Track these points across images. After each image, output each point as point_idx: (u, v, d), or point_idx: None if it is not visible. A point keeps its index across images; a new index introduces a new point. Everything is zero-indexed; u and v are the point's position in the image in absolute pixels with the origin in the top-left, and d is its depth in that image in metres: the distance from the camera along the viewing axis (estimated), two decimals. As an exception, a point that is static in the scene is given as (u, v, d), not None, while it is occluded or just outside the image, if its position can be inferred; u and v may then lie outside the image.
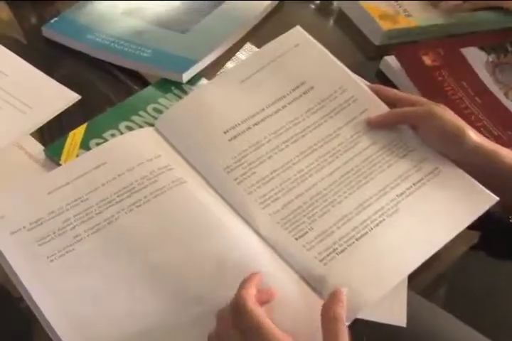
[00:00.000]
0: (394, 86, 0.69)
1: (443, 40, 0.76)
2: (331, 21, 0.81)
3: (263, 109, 0.57)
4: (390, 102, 0.57)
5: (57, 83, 0.66)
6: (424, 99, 0.56)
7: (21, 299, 0.47)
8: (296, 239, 0.50)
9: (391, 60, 0.71)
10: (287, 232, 0.50)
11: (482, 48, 0.74)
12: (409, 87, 0.68)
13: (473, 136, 0.53)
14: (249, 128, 0.56)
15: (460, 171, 0.54)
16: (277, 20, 0.76)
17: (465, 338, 0.51)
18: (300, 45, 0.61)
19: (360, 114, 0.57)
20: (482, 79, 0.71)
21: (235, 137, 0.55)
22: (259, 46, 0.66)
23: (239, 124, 0.56)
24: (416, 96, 0.58)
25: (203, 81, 0.66)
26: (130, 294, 0.46)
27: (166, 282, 0.47)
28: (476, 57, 0.73)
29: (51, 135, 0.61)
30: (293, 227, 0.50)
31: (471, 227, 0.51)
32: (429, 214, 0.52)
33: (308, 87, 0.58)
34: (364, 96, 0.58)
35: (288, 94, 0.58)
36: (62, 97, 0.64)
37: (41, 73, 0.67)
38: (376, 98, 0.58)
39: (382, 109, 0.57)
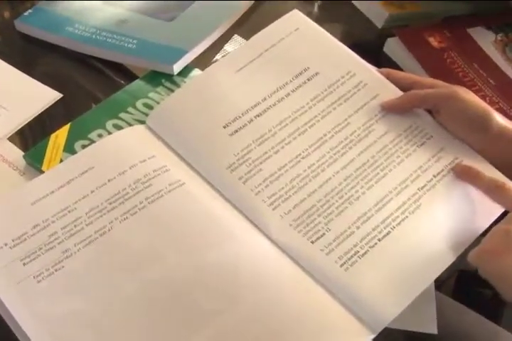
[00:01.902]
0: (400, 69, 0.66)
1: (447, 21, 0.72)
2: (318, 8, 0.76)
3: (265, 99, 0.52)
4: (404, 86, 0.53)
5: (35, 81, 0.61)
6: (441, 82, 0.52)
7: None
8: (313, 242, 0.45)
9: (395, 42, 0.68)
10: (302, 235, 0.45)
11: (489, 28, 0.71)
12: (416, 70, 0.65)
13: (499, 119, 0.49)
14: (251, 120, 0.51)
15: (481, 160, 0.50)
16: (263, 11, 0.71)
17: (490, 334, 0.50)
18: (300, 29, 0.56)
19: (372, 99, 0.52)
20: (493, 59, 0.68)
21: (236, 131, 0.51)
22: (247, 38, 0.61)
23: (239, 117, 0.51)
24: (432, 79, 0.53)
25: (196, 72, 0.61)
26: (131, 316, 0.41)
27: (171, 300, 0.42)
28: (483, 37, 0.70)
29: (31, 138, 0.56)
30: (308, 229, 0.46)
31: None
32: (453, 209, 0.47)
33: (313, 73, 0.54)
34: (374, 81, 0.54)
35: (291, 81, 0.53)
36: (41, 96, 0.59)
37: (17, 71, 0.62)
38: (388, 82, 0.54)
39: (395, 93, 0.53)
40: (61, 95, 0.60)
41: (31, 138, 0.56)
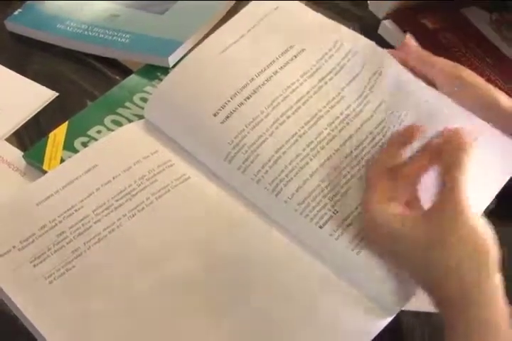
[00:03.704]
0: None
1: (440, 2, 0.71)
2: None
3: (252, 79, 0.50)
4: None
5: (30, 80, 0.60)
6: (445, 60, 0.51)
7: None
8: (321, 227, 0.44)
9: (389, 25, 0.67)
10: (308, 220, 0.44)
11: (483, 7, 0.70)
12: (413, 53, 0.64)
13: (507, 101, 0.48)
14: (241, 104, 0.48)
15: (485, 124, 0.48)
16: None
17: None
18: (280, 8, 0.54)
19: (363, 68, 0.50)
20: (489, 39, 0.67)
21: (227, 118, 0.48)
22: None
23: (228, 101, 0.49)
24: (442, 59, 0.52)
25: (192, 64, 0.60)
26: (147, 313, 0.41)
27: (186, 295, 0.42)
28: (478, 17, 0.70)
29: (29, 138, 0.56)
30: (314, 213, 0.44)
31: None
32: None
33: (299, 50, 0.51)
34: (364, 47, 0.51)
35: (277, 59, 0.51)
36: (36, 96, 0.58)
37: (10, 71, 0.61)
38: (379, 48, 0.52)
39: (388, 57, 0.51)
40: (57, 94, 0.59)
41: (29, 138, 0.56)
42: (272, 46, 0.51)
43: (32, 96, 0.59)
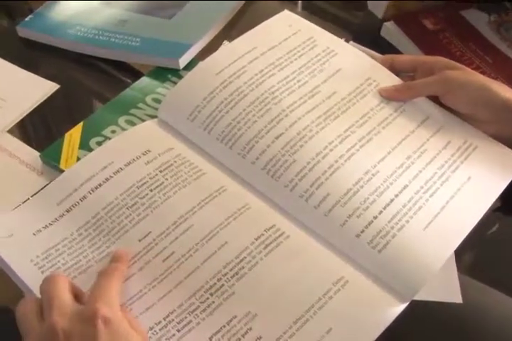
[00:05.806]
0: (399, 53, 0.66)
1: (440, 4, 0.73)
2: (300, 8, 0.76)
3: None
4: (409, 69, 0.55)
5: (32, 74, 0.62)
6: (442, 58, 0.53)
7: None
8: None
9: (392, 26, 0.68)
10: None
11: (481, 9, 0.72)
12: (415, 53, 0.66)
13: (500, 90, 0.49)
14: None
15: (484, 136, 0.51)
16: (252, 14, 0.71)
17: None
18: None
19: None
20: (488, 39, 0.69)
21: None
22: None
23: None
24: (434, 57, 0.54)
25: (202, 65, 0.61)
26: None
27: None
28: (477, 18, 0.71)
29: (45, 140, 0.56)
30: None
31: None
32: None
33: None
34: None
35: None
36: (39, 87, 0.60)
37: (13, 66, 0.63)
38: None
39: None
40: (58, 86, 0.60)
41: (45, 140, 0.56)
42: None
43: (34, 88, 0.60)
